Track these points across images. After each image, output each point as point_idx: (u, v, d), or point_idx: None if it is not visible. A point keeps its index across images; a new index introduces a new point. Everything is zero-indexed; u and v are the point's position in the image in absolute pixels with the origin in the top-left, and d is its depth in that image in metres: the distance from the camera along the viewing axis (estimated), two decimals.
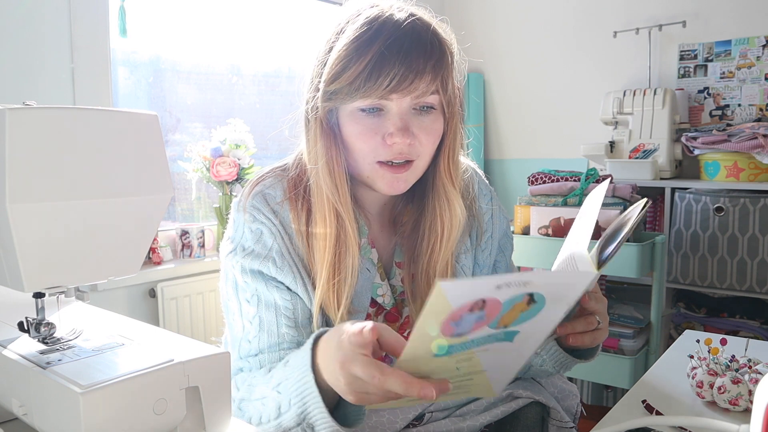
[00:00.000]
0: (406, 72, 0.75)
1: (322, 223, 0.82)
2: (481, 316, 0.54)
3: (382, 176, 0.82)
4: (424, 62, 0.76)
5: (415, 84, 0.76)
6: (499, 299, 0.53)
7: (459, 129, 0.86)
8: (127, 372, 0.57)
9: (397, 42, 0.75)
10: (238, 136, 2.03)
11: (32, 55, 1.59)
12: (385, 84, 0.75)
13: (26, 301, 0.67)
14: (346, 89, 0.77)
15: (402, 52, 0.75)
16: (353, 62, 0.76)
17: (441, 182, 0.86)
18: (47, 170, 0.55)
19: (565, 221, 1.88)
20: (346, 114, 0.80)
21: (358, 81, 0.76)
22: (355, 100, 0.77)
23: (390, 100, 0.78)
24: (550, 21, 2.71)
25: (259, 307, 0.83)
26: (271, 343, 0.82)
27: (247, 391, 0.79)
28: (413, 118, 0.80)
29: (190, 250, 1.95)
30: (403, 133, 0.78)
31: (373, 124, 0.79)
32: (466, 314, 0.53)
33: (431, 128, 0.81)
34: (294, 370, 0.71)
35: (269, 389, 0.75)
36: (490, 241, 0.96)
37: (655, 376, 0.95)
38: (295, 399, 0.69)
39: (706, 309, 2.16)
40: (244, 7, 2.27)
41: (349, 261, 0.82)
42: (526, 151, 2.85)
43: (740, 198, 1.97)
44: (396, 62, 0.75)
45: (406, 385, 0.57)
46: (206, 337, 1.93)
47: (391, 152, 0.80)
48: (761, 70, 2.25)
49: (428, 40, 0.78)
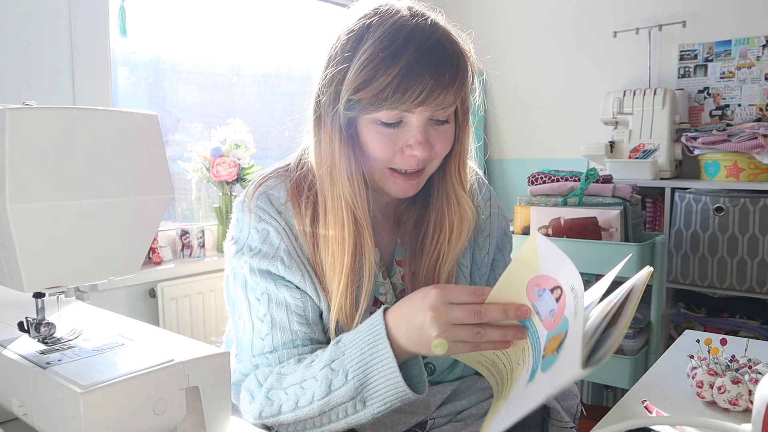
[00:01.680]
0: (435, 86, 0.75)
1: (338, 227, 0.81)
2: (554, 311, 0.54)
3: (394, 182, 0.83)
4: (452, 77, 0.76)
5: (441, 98, 0.76)
6: (563, 310, 0.54)
7: (469, 139, 0.88)
8: (127, 372, 0.57)
9: (425, 55, 0.75)
10: (238, 136, 2.03)
11: (32, 55, 1.59)
12: (413, 98, 0.74)
13: (26, 301, 0.67)
14: (372, 99, 0.75)
15: (431, 66, 0.74)
16: (381, 73, 0.74)
17: (451, 184, 0.87)
18: (47, 170, 0.55)
19: (565, 221, 1.88)
20: (365, 122, 0.79)
21: (386, 92, 0.74)
22: (381, 110, 0.77)
23: (413, 113, 0.78)
24: (550, 21, 2.71)
25: (270, 306, 0.83)
26: (285, 340, 0.82)
27: (276, 381, 0.79)
28: (430, 129, 0.80)
29: (190, 250, 1.95)
30: (424, 146, 0.79)
31: (392, 135, 0.79)
32: (548, 296, 0.53)
33: (446, 137, 0.82)
34: (358, 340, 0.73)
35: (315, 371, 0.75)
36: (487, 240, 0.96)
37: (655, 376, 0.95)
38: (355, 370, 0.71)
39: (706, 309, 2.16)
40: (244, 7, 2.27)
41: (366, 267, 0.82)
42: (526, 151, 2.85)
43: (740, 198, 1.97)
44: (426, 76, 0.74)
45: (503, 308, 0.64)
46: (206, 337, 1.93)
47: (408, 163, 0.80)
48: (761, 70, 2.25)
49: (455, 55, 0.78)
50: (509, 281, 0.63)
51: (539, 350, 0.59)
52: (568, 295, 0.54)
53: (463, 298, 0.66)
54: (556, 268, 0.56)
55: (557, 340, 0.55)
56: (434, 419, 0.86)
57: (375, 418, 0.73)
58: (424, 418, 0.85)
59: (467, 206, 0.88)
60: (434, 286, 0.68)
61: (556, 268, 0.56)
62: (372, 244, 0.82)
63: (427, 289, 0.68)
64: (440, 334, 0.65)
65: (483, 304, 0.65)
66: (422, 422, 0.85)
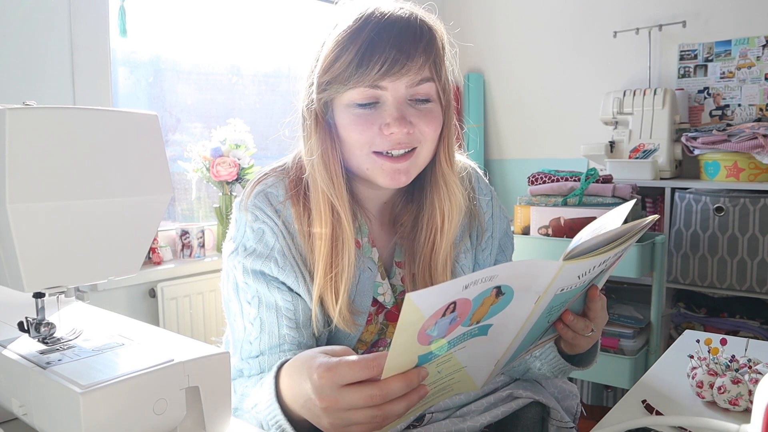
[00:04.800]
0: (397, 55, 0.76)
1: (318, 218, 0.82)
2: (454, 317, 0.54)
3: (381, 168, 0.81)
4: (414, 44, 0.77)
5: (407, 67, 0.76)
6: (468, 298, 0.53)
7: (453, 119, 0.86)
8: (127, 372, 0.57)
9: (386, 28, 0.77)
10: (238, 136, 2.03)
11: (32, 55, 1.59)
12: (377, 68, 0.75)
13: (26, 301, 0.67)
14: (339, 78, 0.78)
15: (392, 37, 0.76)
16: (344, 51, 0.77)
17: (440, 171, 0.86)
18: (47, 170, 0.55)
19: (565, 221, 1.88)
20: (341, 107, 0.80)
21: (350, 68, 0.77)
22: (349, 88, 0.78)
23: (384, 89, 0.78)
24: (549, 21, 2.71)
25: (260, 309, 0.83)
26: (272, 345, 0.82)
27: (239, 401, 0.80)
28: (410, 109, 0.80)
29: (190, 250, 1.95)
30: (400, 122, 0.78)
31: (370, 116, 0.79)
32: (440, 319, 0.53)
33: (430, 116, 0.81)
34: (265, 395, 0.70)
35: (251, 404, 0.75)
36: (490, 240, 0.96)
37: (655, 376, 0.95)
38: (272, 422, 0.69)
39: (706, 309, 2.16)
40: (244, 7, 2.27)
41: (346, 255, 0.82)
42: (526, 151, 2.85)
43: (740, 198, 1.97)
44: (386, 46, 0.76)
45: (405, 379, 0.55)
46: (206, 337, 1.93)
47: (388, 142, 0.79)
48: (761, 70, 2.25)
49: (417, 25, 0.79)
50: (400, 346, 0.54)
51: (468, 333, 0.58)
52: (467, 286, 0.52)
53: (355, 376, 0.57)
54: (441, 300, 0.52)
55: (488, 301, 0.55)
56: (432, 414, 0.86)
57: None
58: (421, 412, 0.85)
59: (457, 190, 0.86)
60: (321, 365, 0.59)
61: (441, 300, 0.52)
62: (351, 233, 0.82)
63: (312, 368, 0.59)
64: (333, 422, 0.59)
65: (380, 382, 0.56)
66: (420, 416, 0.85)
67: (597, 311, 0.74)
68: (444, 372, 0.61)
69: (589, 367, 0.87)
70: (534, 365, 0.89)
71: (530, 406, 0.90)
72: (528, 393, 0.90)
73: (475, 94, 2.88)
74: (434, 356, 0.57)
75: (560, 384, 0.97)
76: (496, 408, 0.88)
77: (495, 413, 0.87)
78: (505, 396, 0.90)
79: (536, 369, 0.89)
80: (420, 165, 0.84)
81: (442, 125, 0.83)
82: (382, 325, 0.89)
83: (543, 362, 0.87)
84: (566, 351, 0.83)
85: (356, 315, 0.84)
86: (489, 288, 0.54)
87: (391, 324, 0.89)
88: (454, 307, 0.53)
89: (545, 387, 0.95)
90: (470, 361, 0.62)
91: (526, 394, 0.90)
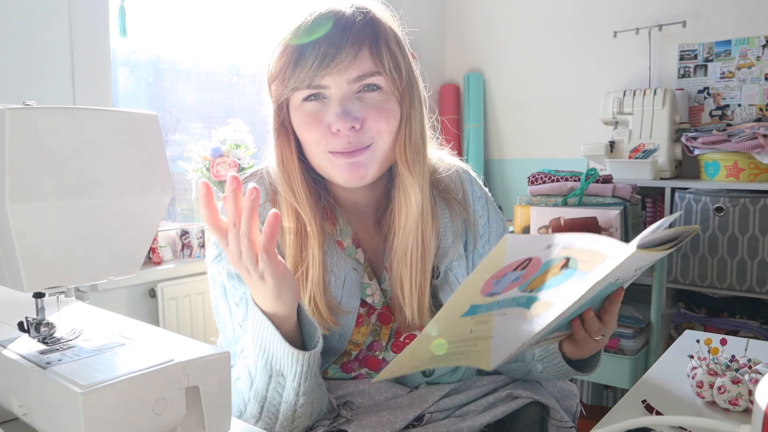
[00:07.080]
0: (327, 49, 0.76)
1: (285, 217, 0.83)
2: (518, 276, 0.54)
3: (338, 165, 0.80)
4: (345, 35, 0.77)
5: (338, 60, 0.76)
6: (541, 259, 0.53)
7: (415, 114, 0.83)
8: (127, 372, 0.57)
9: (320, 25, 0.78)
10: (238, 136, 2.03)
11: (32, 55, 1.59)
12: (309, 66, 0.76)
13: (26, 301, 0.67)
14: (282, 80, 0.80)
15: (325, 33, 0.77)
16: (284, 53, 0.80)
17: (398, 170, 0.84)
18: (47, 170, 0.55)
19: (565, 221, 1.88)
20: (294, 109, 0.82)
21: (289, 69, 0.78)
22: (291, 89, 0.79)
23: (327, 87, 0.78)
24: (550, 21, 2.71)
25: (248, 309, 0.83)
26: None
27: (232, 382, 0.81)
28: (356, 102, 0.79)
29: (190, 250, 1.95)
30: (343, 117, 0.77)
31: (318, 114, 0.80)
32: (510, 273, 0.53)
33: (380, 108, 0.79)
34: (250, 328, 0.74)
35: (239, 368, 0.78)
36: (487, 245, 0.95)
37: (655, 376, 0.95)
38: (258, 351, 0.72)
39: (706, 309, 2.16)
40: (244, 7, 2.27)
41: (310, 252, 0.82)
42: (526, 151, 2.85)
43: (740, 198, 1.97)
44: (318, 43, 0.77)
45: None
46: (206, 337, 1.93)
47: (339, 141, 0.79)
48: (761, 70, 2.25)
49: (351, 19, 0.78)
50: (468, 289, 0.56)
51: (516, 300, 0.58)
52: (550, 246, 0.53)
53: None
54: (528, 251, 0.53)
55: (552, 270, 0.55)
56: (431, 413, 0.86)
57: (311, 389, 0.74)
58: (421, 412, 0.85)
59: (412, 194, 0.83)
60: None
61: (528, 250, 0.53)
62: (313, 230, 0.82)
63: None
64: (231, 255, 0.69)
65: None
66: (419, 416, 0.85)
67: (613, 314, 0.74)
68: (474, 333, 0.61)
69: (592, 372, 0.87)
70: (536, 368, 0.89)
71: (530, 406, 0.90)
72: (527, 393, 0.90)
73: (475, 94, 2.88)
74: (481, 311, 0.57)
75: (560, 384, 0.97)
76: (496, 408, 0.88)
77: (494, 413, 0.87)
78: (505, 396, 0.90)
79: (538, 372, 0.89)
80: (380, 159, 0.82)
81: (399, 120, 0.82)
82: (375, 326, 0.89)
83: (546, 365, 0.87)
84: (569, 355, 0.83)
85: (342, 315, 0.84)
86: (561, 256, 0.53)
87: (385, 326, 0.89)
88: (527, 264, 0.52)
89: (545, 387, 0.95)
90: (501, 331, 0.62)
91: (525, 393, 0.89)
